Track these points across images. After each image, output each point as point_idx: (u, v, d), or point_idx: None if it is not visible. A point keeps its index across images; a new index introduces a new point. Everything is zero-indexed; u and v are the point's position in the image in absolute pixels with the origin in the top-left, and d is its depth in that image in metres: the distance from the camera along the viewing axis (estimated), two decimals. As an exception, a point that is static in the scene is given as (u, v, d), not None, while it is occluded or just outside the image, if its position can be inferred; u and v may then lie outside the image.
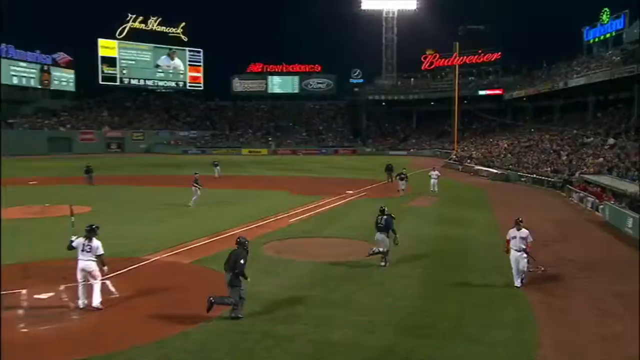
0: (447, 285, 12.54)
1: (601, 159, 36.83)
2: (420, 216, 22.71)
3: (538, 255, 14.87)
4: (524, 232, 12.22)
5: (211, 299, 10.16)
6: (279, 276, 13.05)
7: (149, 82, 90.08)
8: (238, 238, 10.54)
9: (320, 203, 25.78)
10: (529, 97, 66.82)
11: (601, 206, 24.74)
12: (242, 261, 10.08)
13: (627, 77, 44.86)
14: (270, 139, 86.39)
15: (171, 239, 16.67)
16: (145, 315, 10.36)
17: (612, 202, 24.12)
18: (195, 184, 24.65)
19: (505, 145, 57.58)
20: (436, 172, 32.40)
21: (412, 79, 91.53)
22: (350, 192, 30.93)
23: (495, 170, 44.67)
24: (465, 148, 65.65)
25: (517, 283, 12.12)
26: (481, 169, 47.53)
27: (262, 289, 11.95)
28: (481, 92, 78.59)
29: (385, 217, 14.68)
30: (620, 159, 34.65)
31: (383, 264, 14.28)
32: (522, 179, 40.31)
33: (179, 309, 10.74)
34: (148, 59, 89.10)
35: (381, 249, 14.29)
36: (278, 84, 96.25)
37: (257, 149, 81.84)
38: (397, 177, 30.78)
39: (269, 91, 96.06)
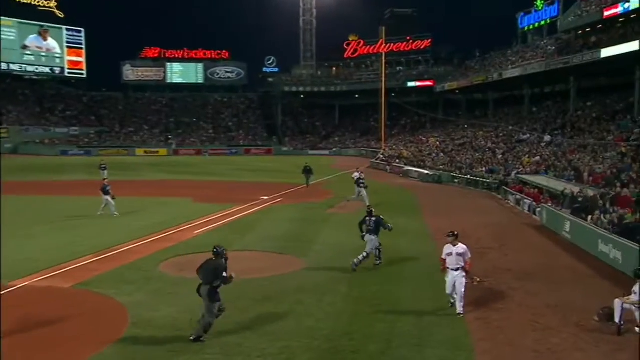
0: (374, 304, 12.74)
1: (538, 158, 39.07)
2: (343, 225, 22.99)
3: (473, 265, 15.71)
4: (461, 247, 11.95)
5: (192, 337, 10.42)
6: (181, 298, 12.78)
7: (15, 67, 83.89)
8: (215, 248, 10.73)
9: (230, 211, 25.77)
10: (462, 90, 69.82)
11: (538, 209, 26.11)
12: (224, 273, 10.47)
13: (562, 69, 47.95)
14: (170, 137, 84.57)
15: (46, 259, 16.12)
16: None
17: (550, 204, 25.50)
18: (103, 192, 24.26)
19: (437, 143, 59.90)
20: (359, 174, 32.96)
21: (334, 69, 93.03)
22: (265, 197, 31.05)
23: (426, 171, 46.29)
24: (394, 146, 67.61)
25: (460, 309, 11.84)
26: (411, 170, 49.11)
27: (161, 313, 11.76)
28: (410, 84, 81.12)
29: (374, 218, 15.88)
30: (557, 158, 36.88)
31: (378, 262, 15.96)
32: (456, 180, 41.97)
33: (58, 346, 10.16)
34: (12, 38, 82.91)
35: (364, 254, 15.56)
36: (179, 73, 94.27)
37: (154, 148, 79.98)
38: (358, 184, 29.72)
39: (168, 81, 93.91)
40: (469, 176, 41.07)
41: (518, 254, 18.31)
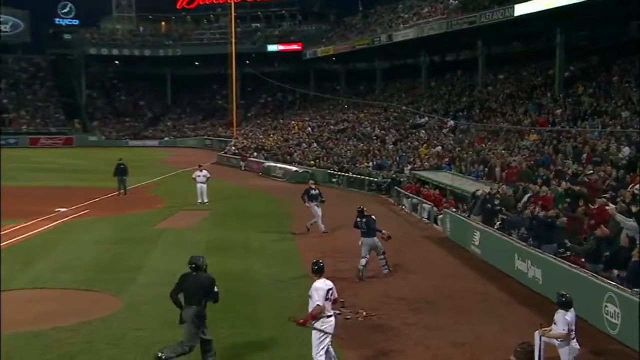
0: (228, 350, 12.73)
1: (439, 148, 40.76)
2: (179, 243, 22.91)
3: (358, 293, 15.85)
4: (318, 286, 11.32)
5: (161, 355, 11.33)
6: None
7: None
8: (192, 262, 11.77)
9: (9, 231, 24.43)
10: (341, 57, 71.19)
11: (441, 216, 27.17)
12: (216, 288, 11.73)
13: (467, 30, 49.94)
14: None
15: None
16: None
17: (454, 210, 26.56)
18: None
19: (309, 130, 60.75)
20: (204, 174, 33.07)
21: (163, 24, 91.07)
22: (63, 210, 30.25)
23: (294, 168, 46.73)
24: (251, 134, 67.76)
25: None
26: (274, 167, 49.51)
27: None
28: (271, 48, 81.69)
29: (364, 220, 18.87)
30: (463, 148, 38.56)
31: (386, 270, 19.11)
32: (334, 180, 42.89)
33: None
34: None
35: (363, 264, 18.57)
36: None
37: None
38: (309, 198, 26.81)
39: None
40: (351, 174, 41.89)
41: (415, 278, 18.98)
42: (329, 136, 55.73)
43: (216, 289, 11.76)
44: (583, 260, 16.38)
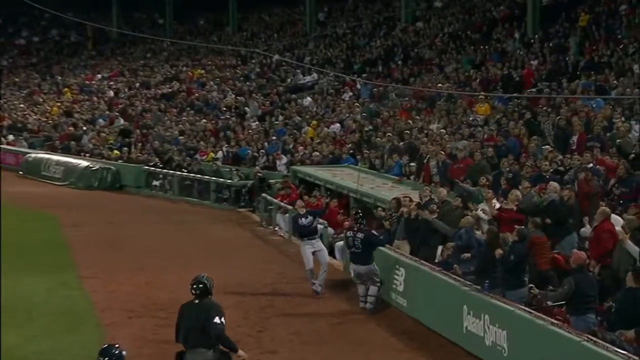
0: None
1: (336, 127, 40.40)
2: None
3: None
4: None
5: None
6: None
7: None
8: (198, 281, 13.18)
9: None
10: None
11: (340, 243, 26.61)
12: (219, 319, 12.85)
13: None
14: None
15: None
16: None
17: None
18: None
19: (110, 94, 60.06)
20: None
21: None
22: None
23: (84, 162, 46.53)
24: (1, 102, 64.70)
25: None
26: (48, 160, 48.70)
27: None
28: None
29: (360, 235, 20.96)
30: (375, 126, 38.07)
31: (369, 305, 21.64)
32: (156, 183, 43.01)
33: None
34: None
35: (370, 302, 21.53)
36: None
37: None
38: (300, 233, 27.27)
39: None
40: (185, 172, 41.55)
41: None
42: (146, 106, 55.04)
43: (217, 320, 12.72)
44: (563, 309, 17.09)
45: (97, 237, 30.60)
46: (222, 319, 12.74)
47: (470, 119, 33.75)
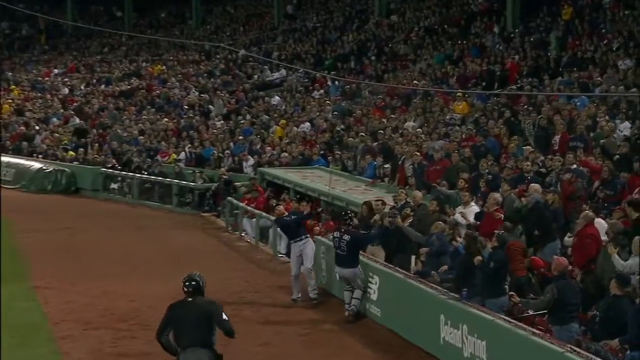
0: None
1: (306, 126, 40.34)
2: None
3: None
4: None
5: None
6: None
7: None
8: (191, 279, 13.49)
9: None
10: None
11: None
12: (224, 316, 13.17)
13: None
14: None
15: None
16: None
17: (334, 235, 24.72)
18: None
19: (65, 91, 59.36)
20: None
21: None
22: None
23: (36, 164, 45.90)
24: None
25: None
26: None
27: None
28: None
29: (346, 237, 20.92)
30: (348, 126, 37.97)
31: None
32: (114, 186, 42.83)
33: None
34: None
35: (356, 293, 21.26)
36: None
37: None
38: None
39: None
40: (145, 174, 41.28)
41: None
42: (103, 103, 54.49)
43: (224, 316, 13.14)
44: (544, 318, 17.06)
45: (51, 244, 30.75)
46: (225, 315, 13.08)
47: (448, 117, 33.65)
